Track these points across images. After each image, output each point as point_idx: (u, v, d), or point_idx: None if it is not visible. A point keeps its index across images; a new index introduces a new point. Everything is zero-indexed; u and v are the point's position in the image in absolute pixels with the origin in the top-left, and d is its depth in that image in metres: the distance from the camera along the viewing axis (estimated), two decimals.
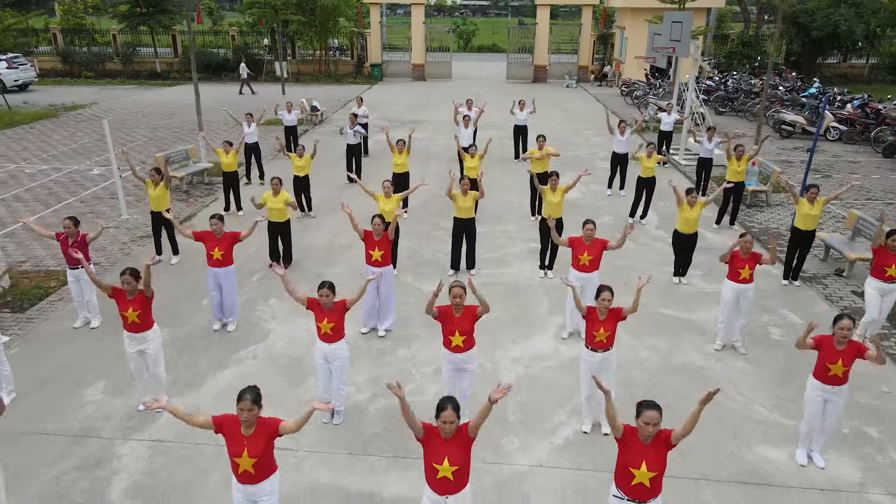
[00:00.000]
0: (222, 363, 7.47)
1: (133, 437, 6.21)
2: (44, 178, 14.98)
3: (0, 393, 6.56)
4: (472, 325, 5.90)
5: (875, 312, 7.62)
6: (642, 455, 4.25)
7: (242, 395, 4.29)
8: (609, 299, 5.94)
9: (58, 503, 5.39)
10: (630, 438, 4.30)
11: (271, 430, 4.36)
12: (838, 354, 5.46)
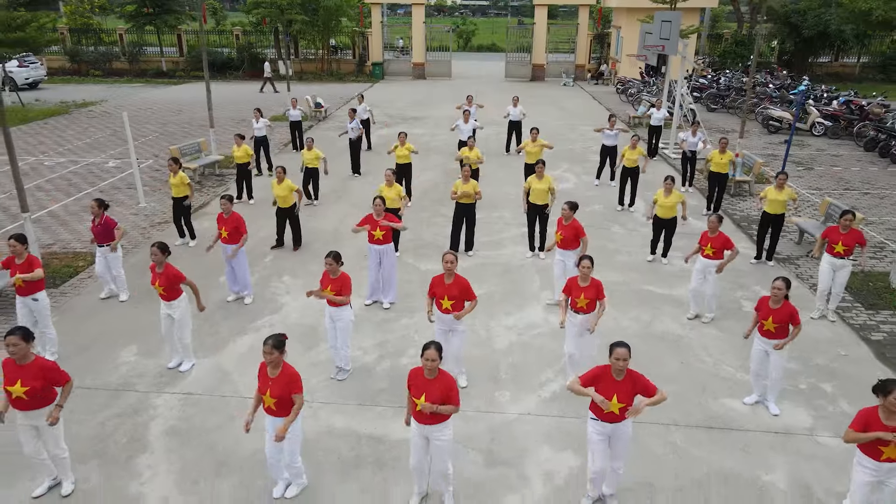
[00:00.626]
0: (241, 331, 8.22)
1: (166, 391, 6.97)
2: (63, 170, 15.73)
3: (45, 353, 7.32)
4: (460, 293, 6.58)
5: (826, 284, 8.43)
6: (614, 389, 4.98)
7: (266, 340, 5.03)
8: (589, 266, 6.63)
9: (104, 444, 6.13)
10: (603, 375, 5.03)
11: (291, 385, 5.07)
12: (770, 312, 6.25)
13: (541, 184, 10.09)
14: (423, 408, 4.85)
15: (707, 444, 6.23)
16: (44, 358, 5.20)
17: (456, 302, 6.56)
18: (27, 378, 4.94)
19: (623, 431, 5.11)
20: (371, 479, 5.72)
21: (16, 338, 4.96)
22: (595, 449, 5.16)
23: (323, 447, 6.11)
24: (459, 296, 6.57)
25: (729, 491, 5.65)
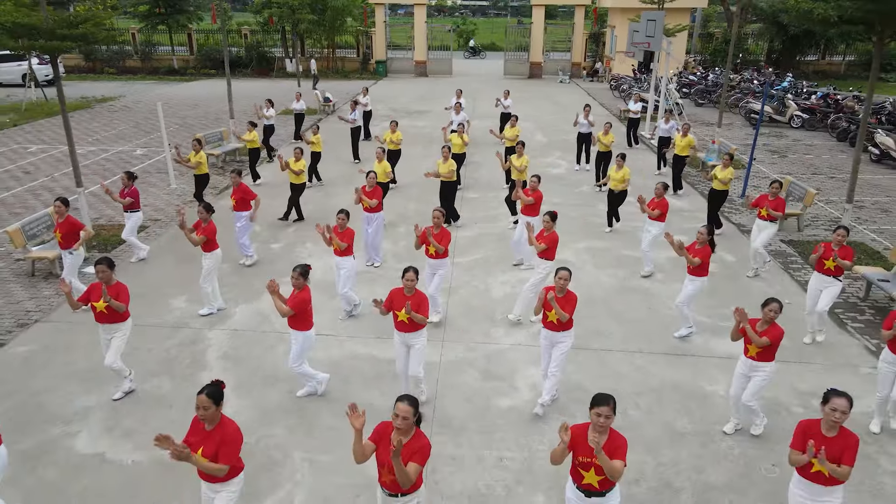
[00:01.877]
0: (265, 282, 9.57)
1: (216, 328, 8.33)
2: (95, 157, 17.10)
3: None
4: (444, 243, 7.94)
5: (813, 302, 8.02)
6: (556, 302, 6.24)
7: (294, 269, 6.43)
8: (566, 278, 6.37)
9: (172, 364, 7.49)
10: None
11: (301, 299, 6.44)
12: (695, 252, 7.63)
13: (520, 162, 11.48)
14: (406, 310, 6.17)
15: (664, 365, 7.60)
16: (121, 284, 6.56)
17: (438, 251, 7.84)
18: (112, 293, 6.32)
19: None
20: (388, 387, 7.08)
21: (103, 266, 6.36)
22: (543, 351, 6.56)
23: (349, 367, 7.48)
24: (444, 245, 7.86)
25: (679, 396, 7.01)
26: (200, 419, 4.32)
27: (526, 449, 6.19)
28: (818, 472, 4.43)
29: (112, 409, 6.69)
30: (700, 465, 5.98)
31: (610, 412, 4.17)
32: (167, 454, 4.06)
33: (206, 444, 4.27)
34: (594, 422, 4.21)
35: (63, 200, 8.38)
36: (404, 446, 4.07)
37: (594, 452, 4.06)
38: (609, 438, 4.19)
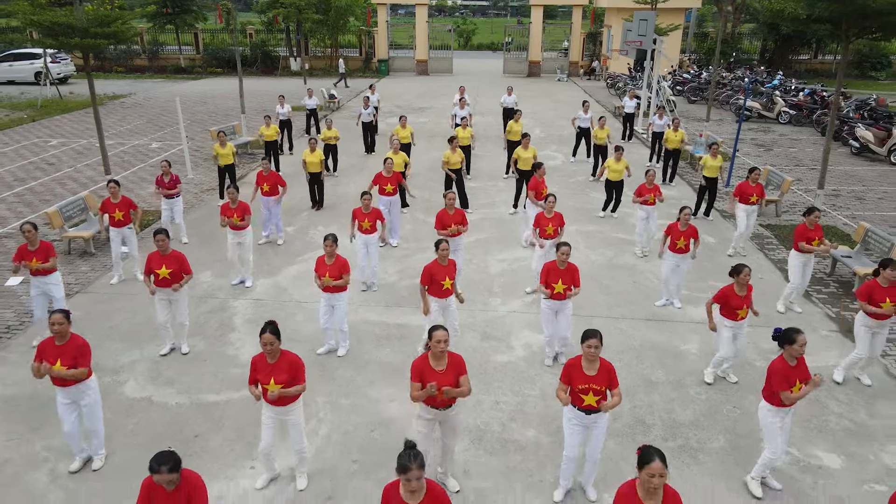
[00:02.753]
0: (290, 262, 10.46)
1: (240, 298, 9.21)
2: (114, 150, 17.95)
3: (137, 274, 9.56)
4: (463, 222, 8.81)
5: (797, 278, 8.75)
6: (559, 276, 7.15)
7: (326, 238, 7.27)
8: (567, 253, 7.11)
9: (203, 328, 8.36)
10: (551, 267, 7.20)
11: (342, 268, 7.30)
12: (680, 234, 8.47)
13: (526, 153, 12.34)
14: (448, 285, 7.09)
15: (644, 329, 8.47)
16: (178, 252, 7.43)
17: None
18: (170, 263, 7.18)
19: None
20: (397, 346, 7.96)
21: (162, 235, 7.22)
22: (545, 320, 7.37)
23: (362, 329, 8.35)
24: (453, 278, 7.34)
25: (656, 353, 7.88)
26: (267, 354, 5.16)
27: (519, 395, 7.06)
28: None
29: (154, 364, 7.56)
30: (670, 407, 6.86)
31: (598, 343, 5.02)
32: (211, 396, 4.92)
33: (277, 374, 5.15)
34: (585, 353, 5.06)
35: (116, 182, 9.23)
36: (449, 367, 5.04)
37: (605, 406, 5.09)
38: (603, 368, 5.09)
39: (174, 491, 3.98)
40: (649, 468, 3.78)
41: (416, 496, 3.80)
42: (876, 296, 6.76)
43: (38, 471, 5.82)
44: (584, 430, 5.30)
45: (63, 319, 5.36)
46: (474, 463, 6.00)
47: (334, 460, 6.03)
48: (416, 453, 3.78)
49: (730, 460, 6.08)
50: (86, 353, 5.47)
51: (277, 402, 5.24)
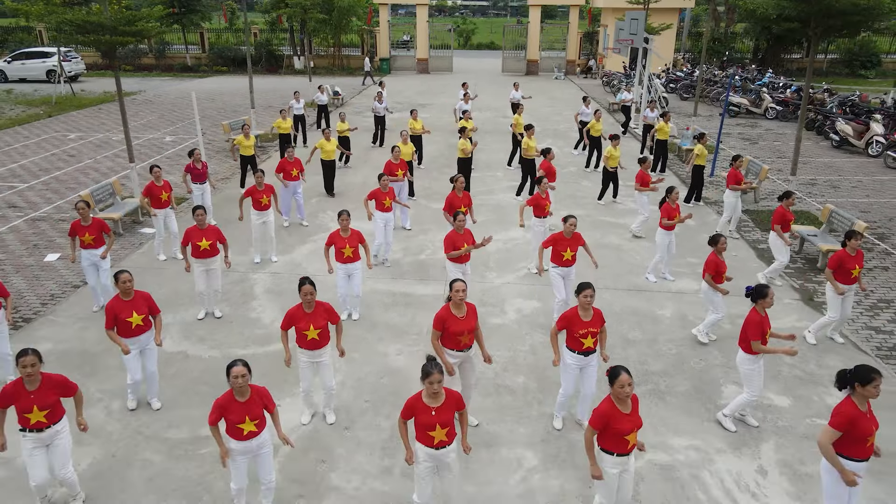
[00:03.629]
0: (303, 241, 11.38)
1: (258, 272, 10.12)
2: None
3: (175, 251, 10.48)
4: (468, 204, 9.71)
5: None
6: (567, 244, 8.05)
7: (341, 213, 8.16)
8: (574, 224, 8.06)
9: (228, 296, 9.27)
10: (558, 238, 8.10)
11: (361, 238, 8.21)
12: (674, 212, 9.35)
13: (532, 141, 13.32)
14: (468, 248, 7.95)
15: (626, 297, 9.39)
16: (214, 226, 8.35)
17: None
18: (209, 236, 8.11)
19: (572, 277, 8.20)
20: (403, 311, 8.88)
21: (200, 211, 8.14)
22: (557, 285, 8.23)
23: (372, 297, 9.27)
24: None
25: (635, 317, 8.80)
26: (306, 304, 6.07)
27: (511, 350, 7.98)
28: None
29: (186, 325, 8.48)
30: (644, 359, 7.77)
31: (592, 293, 5.97)
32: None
33: (315, 320, 6.09)
34: (582, 303, 5.98)
35: (158, 166, 10.12)
36: (469, 314, 5.98)
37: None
38: (596, 314, 6.08)
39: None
40: (619, 380, 4.69)
41: (437, 399, 4.72)
42: (846, 264, 7.65)
43: (94, 408, 6.72)
44: (580, 370, 6.20)
45: (129, 277, 6.28)
46: (471, 403, 6.91)
47: (349, 401, 6.95)
48: (437, 363, 4.71)
49: (693, 400, 7.00)
50: (152, 301, 6.47)
51: (313, 346, 6.14)
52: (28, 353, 4.97)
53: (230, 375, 4.84)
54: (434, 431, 4.72)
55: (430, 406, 4.72)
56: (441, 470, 4.98)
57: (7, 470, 5.86)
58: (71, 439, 5.34)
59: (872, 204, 13.86)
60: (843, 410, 4.59)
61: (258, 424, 5.01)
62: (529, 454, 6.19)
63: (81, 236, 8.32)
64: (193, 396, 6.99)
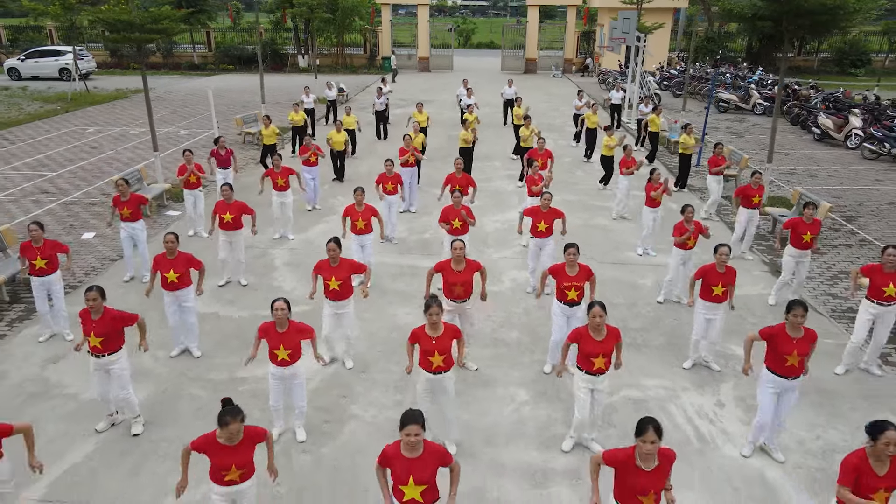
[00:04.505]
0: (316, 222, 12.38)
1: (277, 248, 11.12)
2: (146, 137, 19.83)
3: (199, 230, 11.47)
4: (470, 184, 10.69)
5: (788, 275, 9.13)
6: (541, 217, 9.02)
7: (356, 189, 9.14)
8: (549, 199, 8.93)
9: (251, 266, 10.24)
10: (535, 210, 9.08)
11: (373, 208, 9.20)
12: (654, 188, 10.34)
13: (527, 131, 14.33)
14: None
15: (611, 269, 10.38)
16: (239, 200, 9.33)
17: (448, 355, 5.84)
18: (233, 210, 9.09)
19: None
20: (409, 279, 9.87)
21: (226, 188, 9.13)
22: (531, 256, 9.23)
23: (381, 269, 10.25)
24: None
25: (618, 286, 9.79)
26: (331, 259, 7.06)
27: (506, 312, 8.98)
28: (717, 294, 7.17)
29: (215, 291, 9.47)
30: (625, 319, 8.77)
31: (576, 252, 6.93)
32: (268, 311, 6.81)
33: (338, 273, 7.05)
34: (567, 259, 6.96)
35: (190, 151, 11.10)
36: (467, 268, 6.98)
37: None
38: (583, 270, 7.01)
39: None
40: (592, 312, 5.62)
41: (437, 329, 5.70)
42: (799, 229, 8.63)
43: (143, 357, 7.70)
44: (567, 319, 7.19)
45: (174, 238, 7.26)
46: (471, 352, 7.91)
47: (364, 351, 7.95)
48: (437, 299, 5.69)
49: (665, 352, 8.00)
50: (192, 259, 7.40)
51: (337, 296, 7.13)
52: (92, 289, 5.99)
53: (273, 308, 5.81)
54: (433, 357, 5.69)
55: (431, 336, 5.70)
56: (438, 394, 5.94)
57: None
58: (129, 369, 6.32)
59: (845, 190, 14.87)
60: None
61: (291, 355, 5.95)
62: (521, 392, 7.19)
63: (120, 210, 9.32)
64: (228, 347, 7.99)
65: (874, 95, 23.39)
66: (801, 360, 5.68)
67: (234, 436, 4.41)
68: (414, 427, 4.08)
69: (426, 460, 4.20)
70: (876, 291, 7.07)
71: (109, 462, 6.03)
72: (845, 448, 6.04)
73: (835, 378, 7.47)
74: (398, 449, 4.19)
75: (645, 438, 4.06)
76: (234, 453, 4.48)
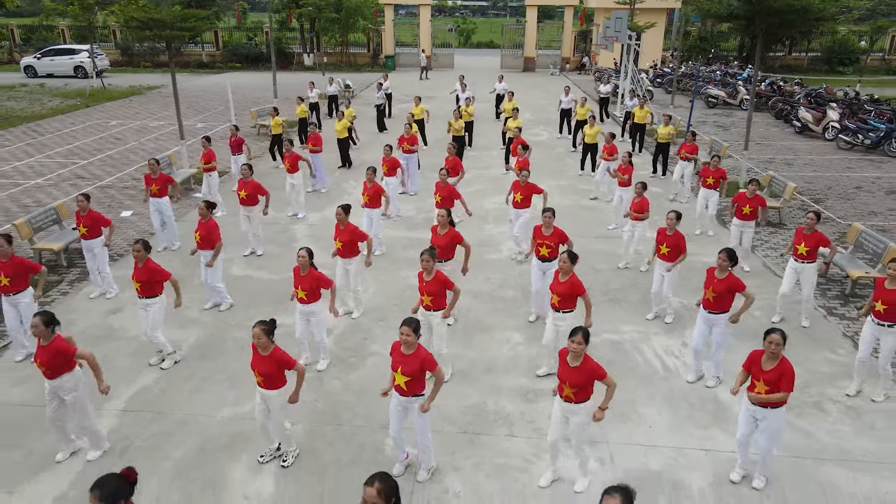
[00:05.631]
0: (330, 202, 13.56)
1: (297, 224, 12.34)
2: (166, 129, 21.09)
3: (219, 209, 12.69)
4: (458, 167, 11.91)
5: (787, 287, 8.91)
6: (519, 189, 10.24)
7: (369, 169, 10.39)
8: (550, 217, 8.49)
9: (277, 238, 11.47)
10: (517, 185, 10.31)
11: (381, 189, 10.43)
12: (623, 170, 11.54)
13: (516, 123, 15.53)
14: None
15: (596, 243, 11.60)
16: (254, 179, 10.54)
17: (435, 297, 7.01)
18: (248, 188, 10.31)
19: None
20: (417, 251, 11.03)
21: (245, 168, 10.35)
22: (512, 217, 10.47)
23: (392, 241, 11.49)
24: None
25: (601, 255, 11.01)
26: (340, 224, 8.29)
27: (503, 274, 10.21)
28: (664, 254, 8.41)
29: (246, 260, 10.70)
30: (607, 281, 10.00)
31: (552, 215, 8.14)
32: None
33: (341, 235, 8.27)
34: (544, 221, 8.18)
35: (207, 138, 12.31)
36: (447, 234, 8.11)
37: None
38: (556, 232, 8.19)
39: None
40: (559, 258, 6.85)
41: (429, 274, 6.94)
42: (741, 202, 9.90)
43: (190, 310, 8.92)
44: (542, 273, 8.41)
45: (206, 209, 8.50)
46: (473, 307, 9.14)
47: (381, 303, 9.20)
48: (432, 251, 6.90)
49: (640, 306, 9.22)
50: (214, 231, 8.62)
51: (341, 254, 8.44)
52: (138, 241, 7.19)
53: (297, 256, 7.12)
54: (423, 297, 6.98)
55: (425, 279, 6.95)
56: (426, 330, 6.89)
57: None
58: (161, 314, 7.44)
59: (818, 176, 16.10)
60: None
61: (308, 296, 7.19)
62: (516, 335, 8.42)
63: (149, 186, 10.58)
64: (262, 302, 9.22)
65: (854, 91, 24.61)
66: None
67: (259, 342, 5.49)
68: (405, 328, 5.36)
69: (414, 359, 5.41)
70: (794, 251, 8.45)
71: (174, 384, 7.26)
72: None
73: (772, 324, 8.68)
74: (399, 345, 5.51)
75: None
76: (260, 361, 5.58)
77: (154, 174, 10.57)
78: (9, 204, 13.40)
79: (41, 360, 5.59)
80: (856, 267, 9.66)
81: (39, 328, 5.51)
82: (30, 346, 7.58)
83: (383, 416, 6.23)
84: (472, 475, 5.97)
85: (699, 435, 6.54)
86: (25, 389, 7.13)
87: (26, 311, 7.30)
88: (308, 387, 6.99)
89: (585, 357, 5.32)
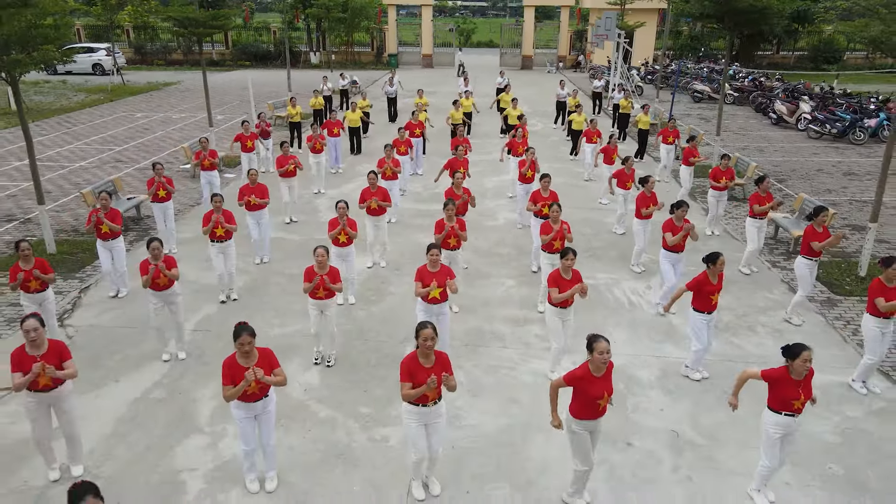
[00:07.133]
0: (346, 182, 15.28)
1: (317, 200, 14.01)
2: (188, 121, 22.76)
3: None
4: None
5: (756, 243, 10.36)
6: (524, 164, 11.96)
7: (369, 173, 12.06)
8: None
9: (301, 210, 13.13)
10: (534, 164, 12.00)
11: (386, 195, 12.12)
12: (610, 151, 13.23)
13: (516, 112, 17.25)
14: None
15: (586, 212, 13.28)
16: (262, 183, 12.21)
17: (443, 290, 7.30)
18: (257, 192, 11.98)
19: None
20: (425, 219, 12.77)
21: (254, 171, 12.04)
22: (519, 192, 12.15)
23: (405, 212, 13.15)
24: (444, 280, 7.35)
25: (590, 224, 12.69)
26: (340, 217, 9.92)
27: (500, 236, 11.88)
28: (647, 215, 10.07)
29: (281, 224, 12.38)
30: (590, 241, 11.67)
31: (549, 180, 9.81)
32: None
33: (377, 195, 9.93)
34: (542, 185, 9.84)
35: (248, 121, 14.00)
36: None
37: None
38: (552, 195, 9.84)
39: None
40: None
41: (435, 266, 7.85)
42: (717, 175, 11.53)
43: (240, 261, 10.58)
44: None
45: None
46: (474, 261, 10.80)
47: (397, 257, 10.91)
48: (437, 245, 8.52)
49: (617, 261, 10.90)
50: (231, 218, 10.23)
51: (373, 213, 10.08)
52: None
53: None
54: (433, 290, 8.41)
55: (431, 272, 8.28)
56: (431, 316, 7.27)
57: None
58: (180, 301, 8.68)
59: (785, 161, 17.78)
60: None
61: (348, 240, 8.96)
62: (510, 280, 10.10)
63: (199, 159, 12.28)
64: (294, 258, 10.89)
65: (829, 86, 26.28)
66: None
67: (320, 261, 7.32)
68: (434, 250, 7.07)
69: (441, 273, 7.15)
70: (752, 212, 10.07)
71: (232, 313, 8.95)
72: (727, 308, 8.94)
73: (737, 274, 10.36)
74: (426, 267, 7.15)
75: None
76: (325, 275, 7.38)
77: (205, 150, 12.37)
78: (62, 182, 15.08)
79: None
80: (798, 229, 11.33)
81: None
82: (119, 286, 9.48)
83: (400, 332, 7.90)
84: (472, 371, 7.65)
85: (653, 347, 8.22)
86: (115, 315, 8.83)
87: (119, 255, 9.24)
88: (340, 314, 8.66)
89: (574, 271, 7.09)
